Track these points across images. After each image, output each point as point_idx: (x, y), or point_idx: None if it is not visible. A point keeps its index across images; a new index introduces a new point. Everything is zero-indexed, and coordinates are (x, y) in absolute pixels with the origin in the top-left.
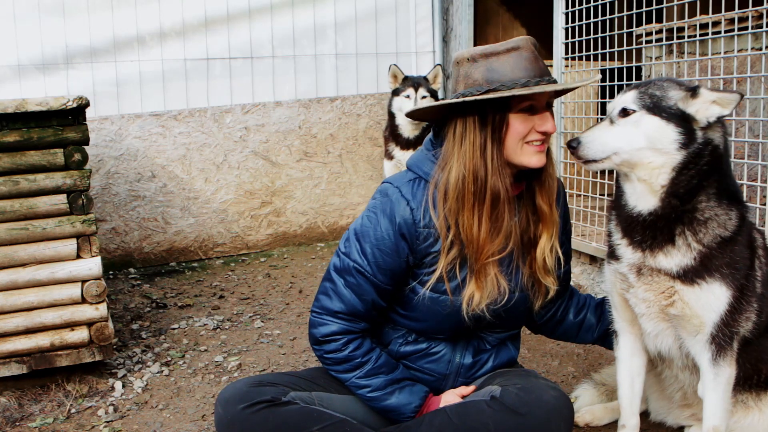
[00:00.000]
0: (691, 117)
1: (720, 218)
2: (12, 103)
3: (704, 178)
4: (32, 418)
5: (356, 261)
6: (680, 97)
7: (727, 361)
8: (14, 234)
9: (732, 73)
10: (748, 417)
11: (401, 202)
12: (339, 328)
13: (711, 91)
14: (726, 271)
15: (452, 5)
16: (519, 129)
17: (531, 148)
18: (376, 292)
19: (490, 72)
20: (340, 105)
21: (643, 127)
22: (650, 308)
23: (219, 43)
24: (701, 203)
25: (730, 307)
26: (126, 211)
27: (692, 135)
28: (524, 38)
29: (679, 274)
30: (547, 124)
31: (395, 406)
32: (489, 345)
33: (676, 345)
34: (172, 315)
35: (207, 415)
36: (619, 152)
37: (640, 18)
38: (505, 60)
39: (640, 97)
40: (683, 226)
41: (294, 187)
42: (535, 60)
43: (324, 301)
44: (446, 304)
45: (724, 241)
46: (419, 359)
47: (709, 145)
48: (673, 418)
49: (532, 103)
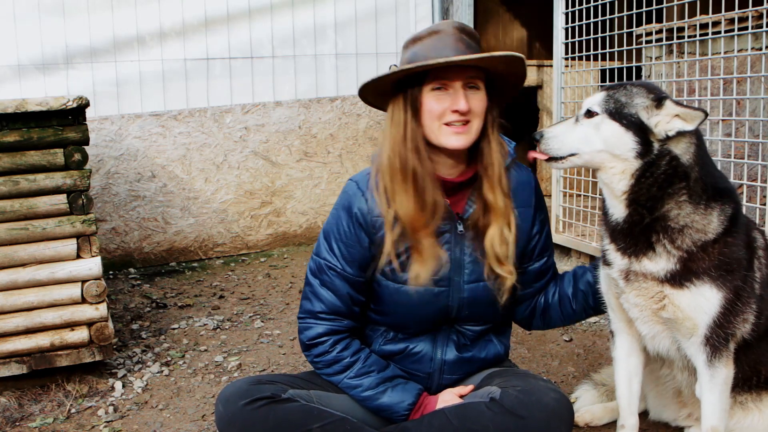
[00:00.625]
0: (648, 129)
1: (698, 224)
2: (12, 103)
3: (667, 187)
4: (32, 418)
5: (326, 259)
6: (644, 105)
7: (723, 362)
8: (14, 234)
9: (732, 73)
10: (747, 417)
11: (357, 194)
12: (324, 329)
13: (676, 104)
14: (715, 273)
15: (452, 5)
16: (432, 108)
17: (449, 129)
18: (350, 285)
19: (413, 54)
20: (340, 105)
21: (603, 131)
22: (643, 312)
23: (219, 43)
24: (671, 211)
25: (723, 309)
26: (126, 211)
27: (650, 145)
28: (449, 22)
29: (667, 278)
30: (458, 102)
31: (388, 405)
32: (469, 340)
33: (674, 346)
34: (172, 315)
35: (207, 415)
36: (580, 153)
37: (640, 18)
38: (426, 42)
39: (606, 100)
40: (658, 233)
41: (294, 187)
42: (456, 41)
43: (305, 305)
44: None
45: (708, 244)
46: (402, 360)
47: (667, 156)
48: (672, 417)
49: (444, 81)
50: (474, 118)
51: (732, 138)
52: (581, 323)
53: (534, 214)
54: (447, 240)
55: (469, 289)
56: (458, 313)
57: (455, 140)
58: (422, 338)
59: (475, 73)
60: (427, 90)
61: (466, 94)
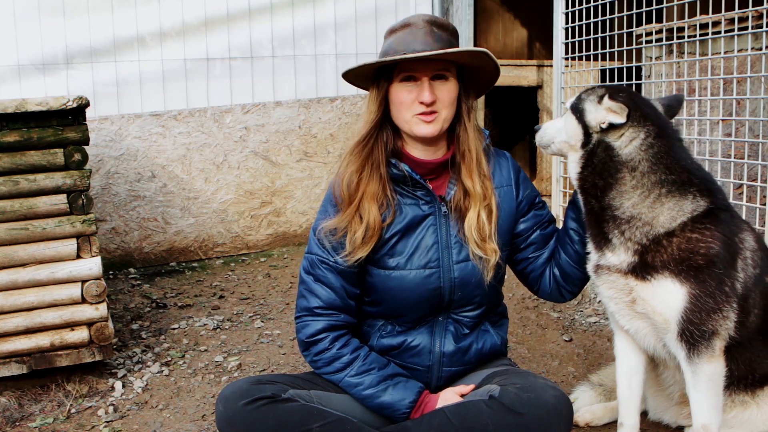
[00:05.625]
0: (586, 121)
1: (645, 216)
2: (12, 103)
3: (607, 176)
4: (32, 418)
5: (317, 254)
6: (593, 100)
7: (704, 359)
8: (14, 234)
9: (732, 73)
10: (745, 412)
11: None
12: (322, 325)
13: (609, 99)
14: (675, 268)
15: (452, 5)
16: (401, 98)
17: (418, 118)
18: (343, 278)
19: (387, 46)
20: (340, 105)
21: (567, 123)
22: (618, 305)
23: (219, 43)
24: (614, 200)
25: (690, 304)
26: (126, 211)
27: (590, 136)
28: (421, 15)
29: (629, 270)
30: (423, 94)
31: (390, 403)
32: (467, 328)
33: (660, 344)
34: (172, 315)
35: (207, 415)
36: (554, 141)
37: (640, 18)
38: (399, 35)
39: (577, 97)
40: (608, 222)
41: (294, 187)
42: (425, 35)
43: (301, 303)
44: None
45: (660, 237)
46: (401, 354)
47: (602, 145)
48: (671, 417)
49: (411, 73)
50: (442, 108)
51: (732, 138)
52: (581, 323)
53: (516, 191)
54: (432, 222)
55: (458, 269)
56: (451, 296)
57: (423, 128)
58: (420, 330)
59: (443, 65)
60: (397, 81)
61: (433, 85)
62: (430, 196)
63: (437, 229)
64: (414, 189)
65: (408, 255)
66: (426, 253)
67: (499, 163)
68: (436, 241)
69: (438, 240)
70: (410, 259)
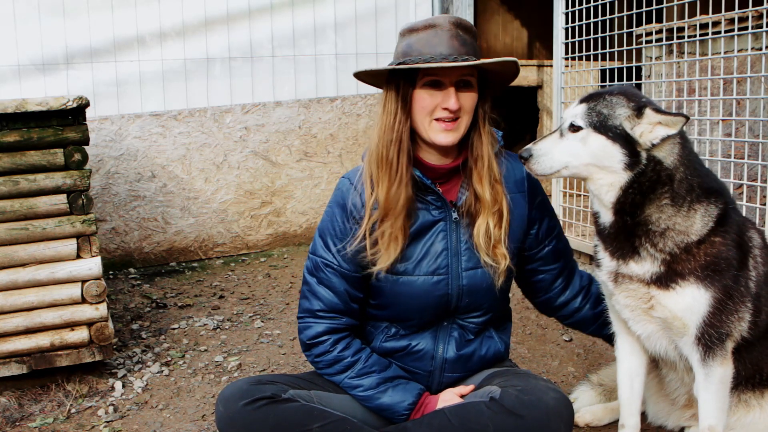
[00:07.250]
0: (634, 140)
1: (680, 226)
2: (12, 103)
3: (649, 193)
4: (32, 418)
5: (322, 256)
6: (626, 115)
7: (718, 361)
8: (14, 234)
9: (732, 73)
10: (749, 414)
11: (350, 190)
12: (324, 328)
13: (655, 112)
14: (701, 274)
15: (452, 5)
16: (424, 103)
17: (438, 125)
18: (347, 282)
19: (407, 46)
20: (340, 105)
21: (590, 145)
22: (634, 312)
23: (219, 43)
24: (652, 216)
25: (712, 308)
26: (126, 211)
27: (637, 156)
28: (446, 16)
29: (653, 280)
30: (449, 101)
31: (389, 405)
32: (471, 334)
33: (672, 346)
34: (172, 315)
35: (207, 415)
36: (569, 166)
37: (640, 18)
38: (422, 36)
39: (588, 113)
40: (640, 238)
41: (294, 187)
42: (451, 38)
43: (304, 304)
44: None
45: (692, 245)
46: (403, 357)
47: (653, 162)
48: (673, 420)
49: (437, 78)
50: (464, 115)
51: (732, 138)
52: None
53: (528, 200)
54: (442, 228)
55: (467, 276)
56: (458, 302)
57: (443, 137)
58: (424, 335)
59: (468, 71)
60: (420, 85)
61: (458, 93)
62: (441, 201)
63: (447, 235)
64: (424, 194)
65: (417, 261)
66: (435, 259)
67: (511, 169)
68: (446, 247)
69: (448, 246)
70: (419, 265)
